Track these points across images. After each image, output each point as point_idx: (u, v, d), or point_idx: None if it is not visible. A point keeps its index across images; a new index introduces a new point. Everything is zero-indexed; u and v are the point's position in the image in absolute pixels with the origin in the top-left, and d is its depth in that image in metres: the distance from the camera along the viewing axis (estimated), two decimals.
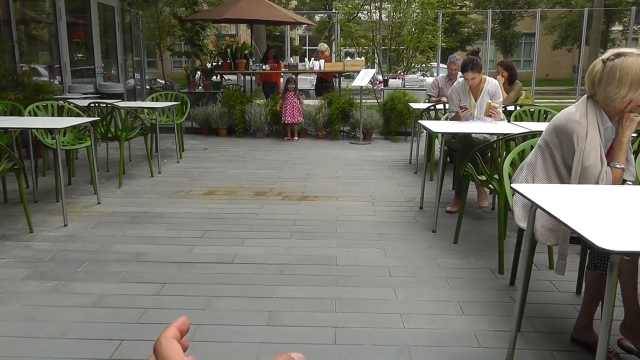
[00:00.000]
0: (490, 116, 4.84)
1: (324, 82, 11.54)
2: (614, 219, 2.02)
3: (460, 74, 7.08)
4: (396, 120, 9.27)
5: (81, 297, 3.12)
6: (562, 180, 2.70)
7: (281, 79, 13.60)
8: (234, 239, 4.18)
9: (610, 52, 2.49)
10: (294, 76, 9.78)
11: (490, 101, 4.86)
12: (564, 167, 2.67)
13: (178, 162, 7.25)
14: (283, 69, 10.64)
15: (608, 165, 2.58)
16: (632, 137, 3.41)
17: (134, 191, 5.65)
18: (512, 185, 2.47)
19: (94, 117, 5.82)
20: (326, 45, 12.05)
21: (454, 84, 5.23)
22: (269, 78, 11.50)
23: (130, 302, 3.07)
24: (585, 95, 2.62)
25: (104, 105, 6.12)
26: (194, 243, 4.07)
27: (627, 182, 2.69)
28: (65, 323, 2.81)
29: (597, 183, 2.53)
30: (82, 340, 2.65)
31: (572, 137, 2.54)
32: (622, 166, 2.57)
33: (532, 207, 2.30)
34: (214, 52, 11.19)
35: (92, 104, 6.23)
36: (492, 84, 4.98)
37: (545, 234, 2.60)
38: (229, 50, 10.47)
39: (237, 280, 3.38)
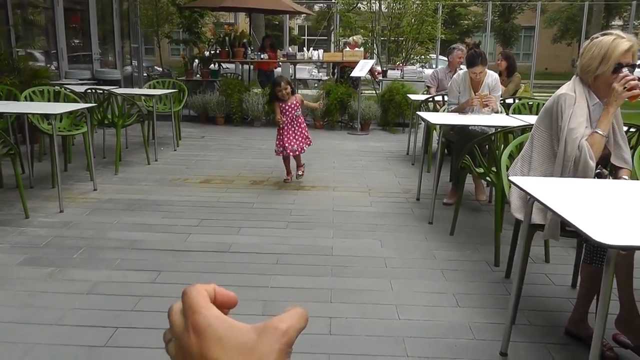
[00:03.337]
0: (487, 106, 4.78)
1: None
2: (611, 213, 2.02)
3: (462, 67, 7.06)
4: (394, 112, 9.24)
5: (77, 284, 3.11)
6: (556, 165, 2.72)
7: (279, 68, 13.47)
8: (230, 227, 4.17)
9: (600, 33, 2.68)
10: (283, 75, 8.22)
11: (479, 93, 4.78)
12: (557, 145, 2.70)
13: (175, 150, 7.22)
14: (282, 58, 10.58)
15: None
16: (631, 132, 3.43)
17: (130, 178, 5.63)
18: (510, 177, 2.47)
19: (90, 103, 5.79)
20: (357, 39, 11.65)
21: (454, 76, 5.18)
22: (264, 66, 11.41)
23: (125, 289, 3.06)
24: (574, 75, 2.77)
25: (101, 91, 6.08)
26: (190, 231, 4.06)
27: (623, 177, 2.70)
28: (60, 309, 2.80)
29: (579, 149, 2.58)
30: (77, 327, 2.64)
31: (561, 107, 2.66)
32: (604, 134, 2.62)
33: (530, 200, 2.30)
34: (212, 40, 11.13)
35: (89, 90, 6.19)
36: (492, 77, 4.95)
37: (518, 209, 2.77)
38: (227, 38, 10.40)
39: (232, 269, 3.38)
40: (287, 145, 5.41)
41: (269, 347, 0.41)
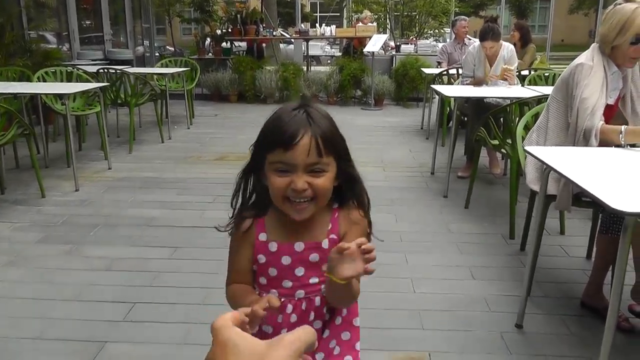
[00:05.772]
0: (505, 79, 4.76)
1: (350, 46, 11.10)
2: (628, 182, 1.99)
3: (469, 37, 6.98)
4: (408, 86, 9.15)
5: (94, 261, 3.15)
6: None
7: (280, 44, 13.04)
8: None
9: None
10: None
11: (505, 65, 4.78)
12: (570, 114, 2.65)
13: (188, 128, 7.23)
14: (294, 35, 10.47)
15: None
16: None
17: (144, 157, 5.66)
18: (526, 147, 2.44)
19: (103, 83, 5.79)
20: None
21: (469, 49, 5.12)
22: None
23: (142, 265, 3.10)
24: (594, 43, 2.69)
25: (113, 71, 6.08)
26: (205, 208, 4.08)
27: None
28: (79, 285, 2.84)
29: (585, 121, 2.53)
30: (96, 302, 2.68)
31: (577, 77, 2.58)
32: (621, 139, 2.46)
33: (545, 170, 2.27)
34: (223, 18, 11.04)
35: (101, 70, 6.20)
36: (508, 49, 4.91)
37: (534, 180, 2.74)
38: (239, 16, 10.33)
39: None
40: None
41: (278, 355, 0.49)
